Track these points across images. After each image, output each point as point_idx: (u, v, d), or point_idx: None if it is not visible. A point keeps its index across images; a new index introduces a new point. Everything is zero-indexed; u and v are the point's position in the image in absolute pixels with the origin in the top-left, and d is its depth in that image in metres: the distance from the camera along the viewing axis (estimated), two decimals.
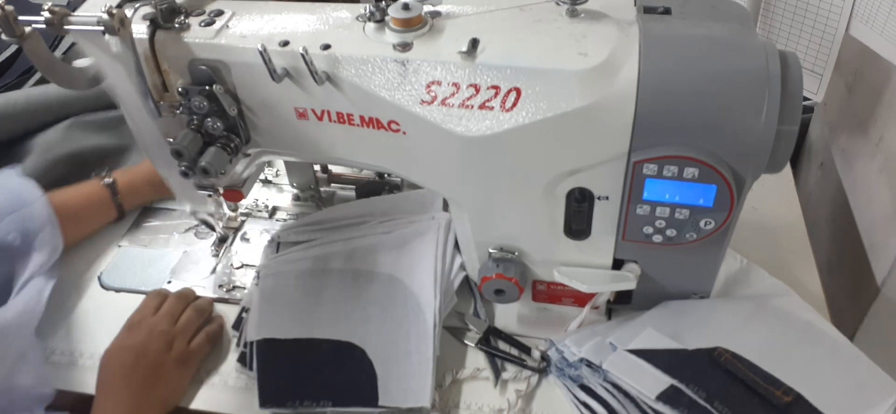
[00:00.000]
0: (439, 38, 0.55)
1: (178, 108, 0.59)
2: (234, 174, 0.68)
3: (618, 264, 0.62)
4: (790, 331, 0.63)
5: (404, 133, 0.57)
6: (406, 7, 0.55)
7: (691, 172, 0.51)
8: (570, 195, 0.56)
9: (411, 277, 0.70)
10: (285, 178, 0.87)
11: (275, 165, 0.90)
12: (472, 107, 0.53)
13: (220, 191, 0.70)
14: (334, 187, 0.87)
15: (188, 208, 0.84)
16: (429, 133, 0.55)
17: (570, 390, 0.62)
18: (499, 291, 0.63)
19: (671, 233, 0.55)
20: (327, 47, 0.55)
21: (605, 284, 0.61)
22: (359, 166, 0.73)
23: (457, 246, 0.71)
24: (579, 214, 0.58)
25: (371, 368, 0.64)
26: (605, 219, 0.57)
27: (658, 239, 0.56)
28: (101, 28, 0.52)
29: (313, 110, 0.59)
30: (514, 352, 0.67)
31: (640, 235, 0.57)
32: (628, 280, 0.61)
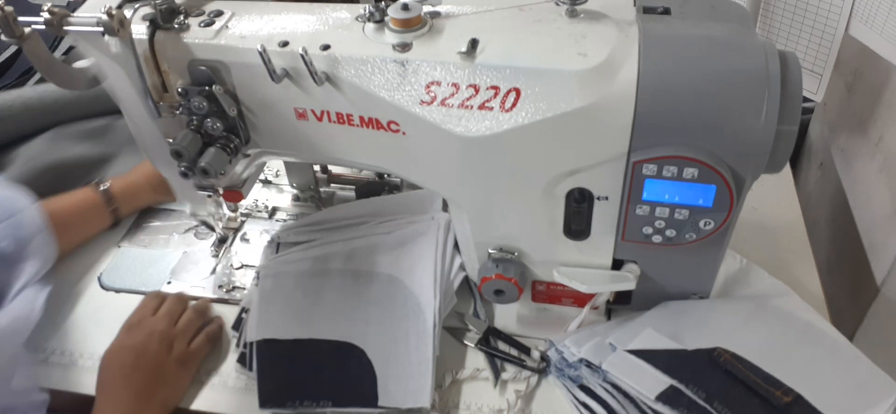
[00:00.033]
0: (439, 39, 0.55)
1: (177, 109, 0.59)
2: (234, 175, 0.68)
3: (617, 265, 0.62)
4: (790, 331, 0.63)
5: (404, 133, 0.57)
6: (405, 7, 0.55)
7: (691, 173, 0.51)
8: (570, 195, 0.56)
9: (411, 278, 0.70)
10: (285, 178, 0.87)
11: (274, 166, 0.90)
12: (472, 107, 0.53)
13: (220, 191, 0.70)
14: (334, 188, 0.87)
15: (188, 209, 0.84)
16: (428, 133, 0.55)
17: (569, 391, 0.62)
18: (498, 292, 0.63)
19: (671, 233, 0.55)
20: (327, 48, 0.55)
21: (604, 284, 0.61)
22: (358, 167, 0.73)
23: (456, 246, 0.71)
24: (579, 215, 0.58)
25: (371, 369, 0.64)
26: (604, 219, 0.57)
27: (657, 239, 0.56)
28: (101, 29, 0.52)
29: (313, 111, 0.59)
30: (513, 352, 0.67)
31: (640, 236, 0.57)
32: (628, 280, 0.61)
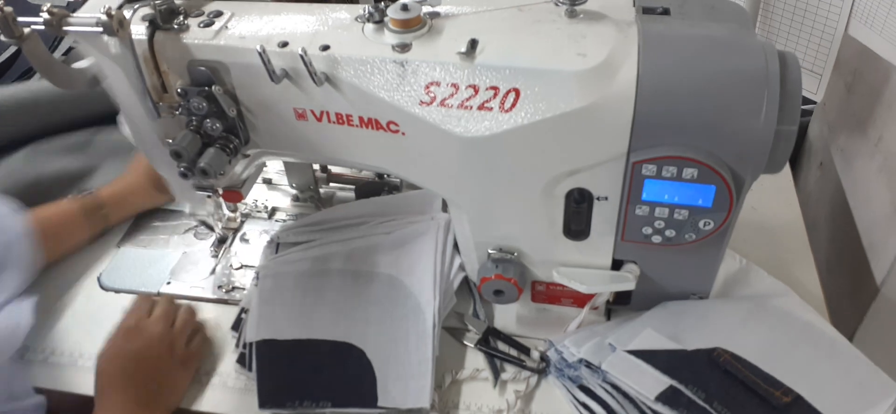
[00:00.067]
0: (438, 39, 0.55)
1: (177, 109, 0.59)
2: (234, 175, 0.68)
3: (617, 265, 0.62)
4: (789, 331, 0.63)
5: (403, 134, 0.57)
6: (405, 8, 0.55)
7: (690, 173, 0.51)
8: (570, 196, 0.56)
9: (411, 278, 0.70)
10: (285, 178, 0.87)
11: (275, 166, 0.90)
12: (471, 107, 0.53)
13: (220, 192, 0.70)
14: (333, 188, 0.87)
15: (187, 209, 0.84)
16: (428, 134, 0.55)
17: (569, 391, 0.62)
18: (498, 292, 0.63)
19: (670, 233, 0.55)
20: (326, 48, 0.55)
21: (604, 284, 0.61)
22: (358, 167, 0.73)
23: (456, 246, 0.71)
24: (578, 215, 0.58)
25: (370, 369, 0.64)
26: (604, 219, 0.57)
27: (657, 239, 0.56)
28: (100, 29, 0.52)
29: (312, 111, 0.58)
30: (513, 352, 0.67)
31: (639, 236, 0.57)
32: (627, 281, 0.61)
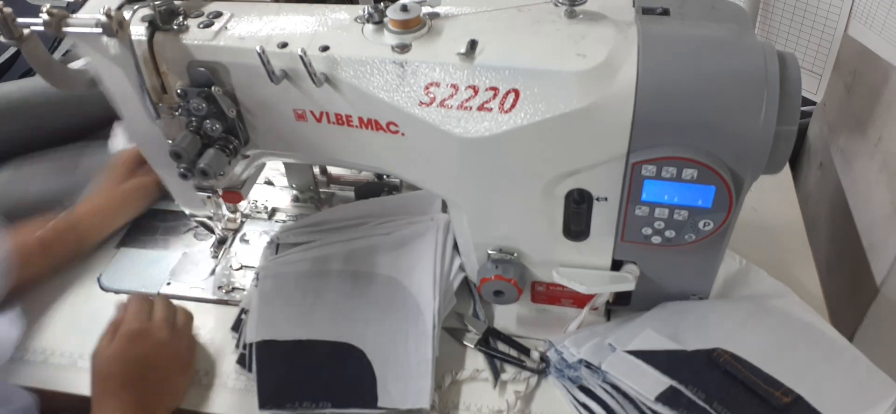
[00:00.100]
0: (438, 40, 0.55)
1: (176, 110, 0.59)
2: (233, 176, 0.68)
3: (617, 265, 0.62)
4: (789, 331, 0.63)
5: (403, 134, 0.57)
6: (404, 8, 0.55)
7: (690, 173, 0.51)
8: (569, 196, 0.56)
9: (410, 279, 0.70)
10: (284, 178, 0.87)
11: (275, 166, 0.90)
12: (471, 108, 0.53)
13: (219, 192, 0.70)
14: (333, 189, 0.87)
15: (187, 210, 0.84)
16: (427, 134, 0.55)
17: (569, 391, 0.62)
18: (498, 293, 0.63)
19: (670, 234, 0.55)
20: (326, 49, 0.55)
21: (603, 285, 0.61)
22: (358, 167, 0.73)
23: (456, 247, 0.71)
24: (578, 215, 0.58)
25: (370, 370, 0.64)
26: (603, 220, 0.57)
27: (657, 240, 0.56)
28: (100, 30, 0.52)
29: (312, 112, 0.58)
30: (513, 353, 0.67)
31: (639, 236, 0.57)
32: (627, 281, 0.61)
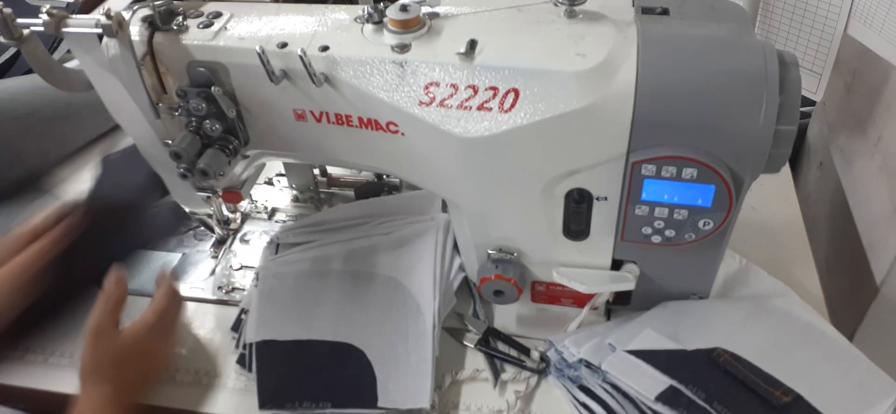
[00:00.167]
0: (437, 40, 0.55)
1: (176, 110, 0.59)
2: (233, 176, 0.68)
3: (617, 265, 0.62)
4: (789, 331, 0.63)
5: (403, 134, 0.57)
6: (404, 8, 0.55)
7: (690, 173, 0.51)
8: (569, 196, 0.56)
9: (410, 279, 0.70)
10: (285, 179, 0.87)
11: (275, 166, 0.90)
12: (471, 108, 0.53)
13: (219, 192, 0.70)
14: (333, 189, 0.87)
15: (187, 207, 0.84)
16: (427, 134, 0.55)
17: (569, 391, 0.62)
18: (498, 292, 0.63)
19: (670, 233, 0.55)
20: (325, 49, 0.55)
21: (603, 284, 0.61)
22: (358, 167, 0.73)
23: (456, 247, 0.71)
24: (578, 215, 0.58)
25: (370, 370, 0.64)
26: (603, 219, 0.57)
27: (657, 239, 0.56)
28: (100, 31, 0.52)
29: (312, 112, 0.58)
30: (513, 353, 0.67)
31: (639, 236, 0.57)
32: (627, 281, 0.61)
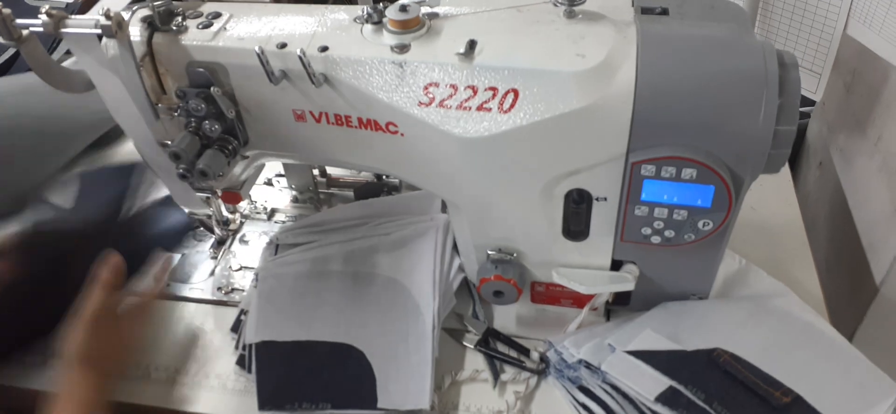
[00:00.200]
0: (437, 40, 0.55)
1: (175, 111, 0.59)
2: (233, 176, 0.68)
3: (616, 265, 0.62)
4: (789, 331, 0.63)
5: (402, 135, 0.57)
6: (403, 8, 0.55)
7: (689, 173, 0.50)
8: (569, 196, 0.56)
9: (410, 279, 0.70)
10: (284, 179, 0.87)
11: (275, 167, 0.90)
12: (470, 108, 0.53)
13: (219, 193, 0.70)
14: (332, 190, 0.87)
15: (187, 208, 0.84)
16: (427, 135, 0.55)
17: (568, 392, 0.62)
18: (497, 293, 0.63)
19: (669, 234, 0.55)
20: (325, 49, 0.55)
21: (603, 285, 0.61)
22: (357, 168, 0.73)
23: (455, 247, 0.71)
24: (577, 215, 0.58)
25: (370, 370, 0.64)
26: (603, 220, 0.57)
27: (656, 240, 0.56)
28: (99, 31, 0.52)
29: (311, 112, 0.58)
30: (512, 353, 0.67)
31: (639, 236, 0.57)
32: (627, 281, 0.61)
